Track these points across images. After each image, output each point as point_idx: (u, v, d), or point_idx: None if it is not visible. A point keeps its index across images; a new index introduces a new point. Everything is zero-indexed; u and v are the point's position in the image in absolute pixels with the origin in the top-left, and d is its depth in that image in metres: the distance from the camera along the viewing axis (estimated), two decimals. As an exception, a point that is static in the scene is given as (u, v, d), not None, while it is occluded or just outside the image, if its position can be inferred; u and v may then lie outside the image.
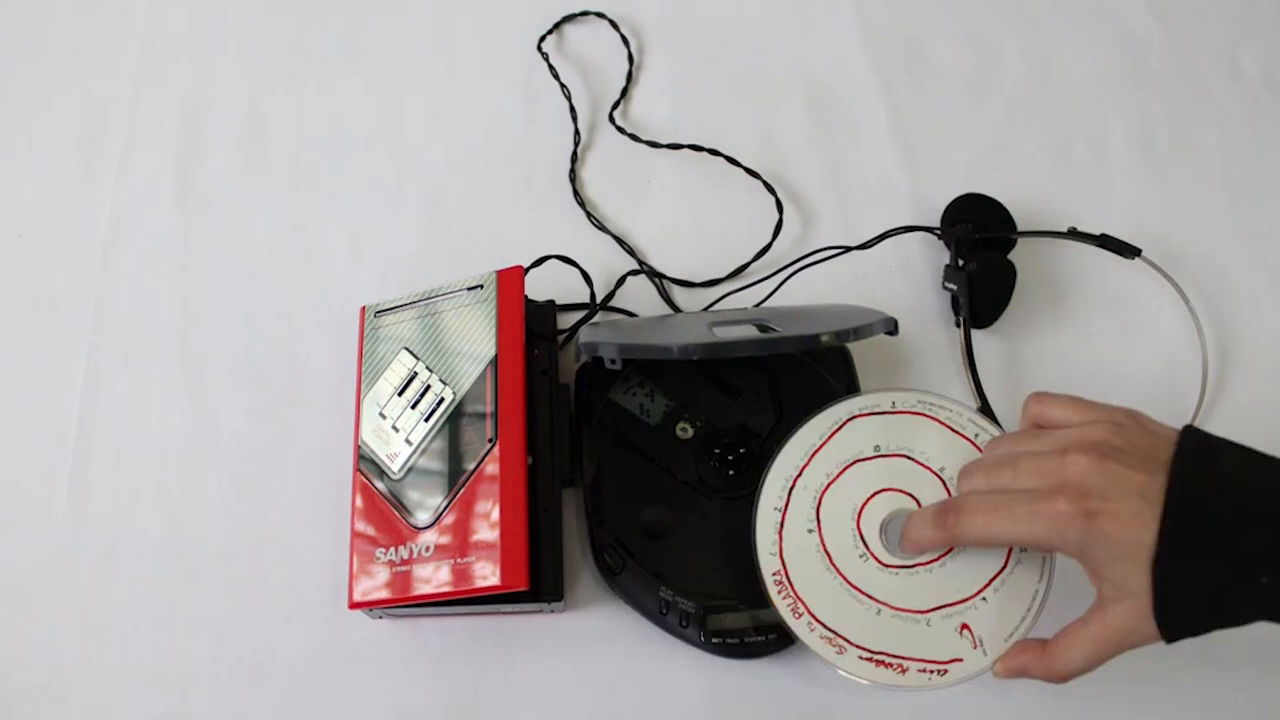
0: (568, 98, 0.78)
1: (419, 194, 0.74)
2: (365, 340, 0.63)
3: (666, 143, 0.75)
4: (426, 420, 0.59)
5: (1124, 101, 0.78)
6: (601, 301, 0.69)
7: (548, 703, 0.58)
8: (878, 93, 0.79)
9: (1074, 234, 0.69)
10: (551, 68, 0.79)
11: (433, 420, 0.59)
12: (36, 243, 0.72)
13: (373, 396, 0.61)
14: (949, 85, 0.79)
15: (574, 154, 0.76)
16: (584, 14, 0.81)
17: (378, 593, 0.55)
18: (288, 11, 0.82)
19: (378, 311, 0.64)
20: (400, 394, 0.60)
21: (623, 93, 0.78)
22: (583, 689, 0.58)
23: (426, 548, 0.55)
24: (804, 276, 0.69)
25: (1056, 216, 0.71)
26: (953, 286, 0.67)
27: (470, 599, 0.54)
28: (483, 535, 0.54)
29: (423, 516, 0.56)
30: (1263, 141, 0.76)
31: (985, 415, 0.59)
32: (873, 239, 0.70)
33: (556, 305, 0.65)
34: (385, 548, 0.56)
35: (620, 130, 0.76)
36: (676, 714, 0.57)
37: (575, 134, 0.76)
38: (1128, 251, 0.68)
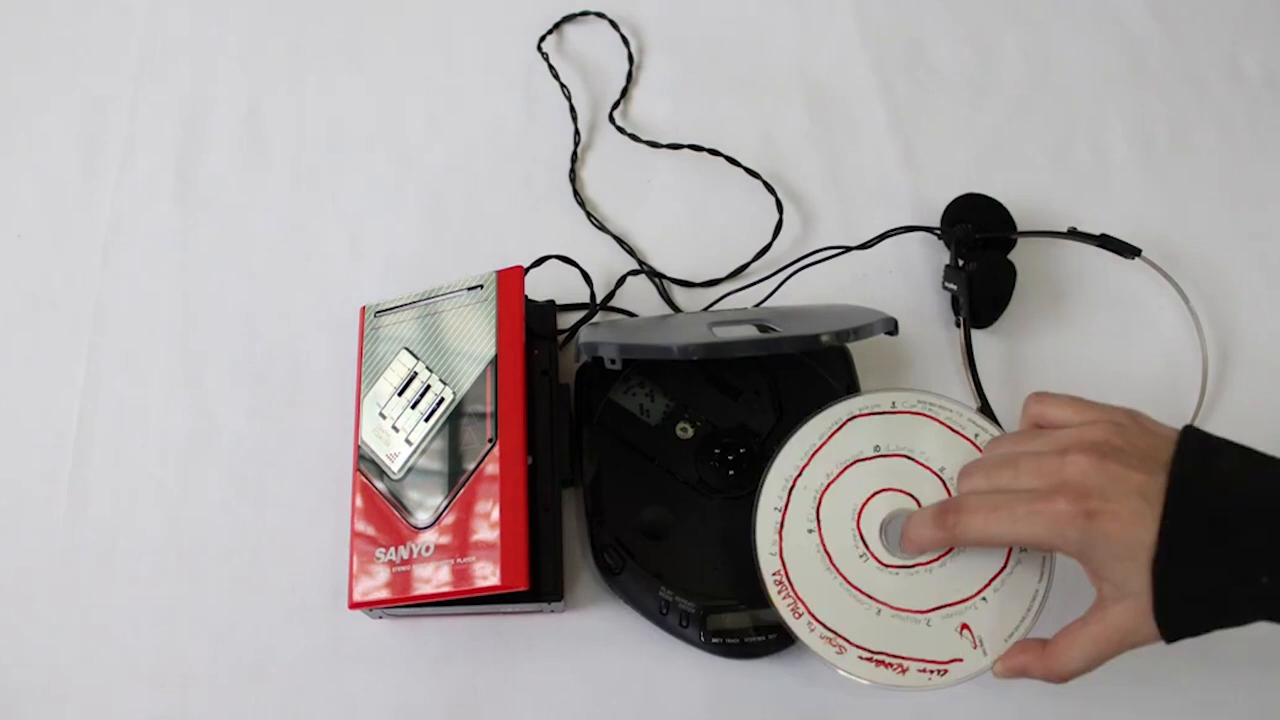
0: (568, 98, 0.78)
1: (419, 194, 0.74)
2: (365, 340, 0.63)
3: (666, 143, 0.75)
4: (426, 420, 0.59)
5: (1124, 101, 0.78)
6: (601, 301, 0.69)
7: (548, 703, 0.58)
8: (878, 93, 0.79)
9: (1074, 234, 0.69)
10: (551, 68, 0.79)
11: (433, 420, 0.59)
12: (36, 243, 0.72)
13: (373, 396, 0.61)
14: (949, 85, 0.79)
15: (574, 154, 0.76)
16: (584, 14, 0.81)
17: (378, 593, 0.55)
18: (288, 11, 0.82)
19: (378, 311, 0.64)
20: (400, 394, 0.60)
21: (623, 93, 0.78)
22: (583, 689, 0.58)
23: (426, 548, 0.55)
24: (804, 276, 0.69)
25: (1056, 216, 0.71)
26: (953, 286, 0.67)
27: (470, 599, 0.54)
28: (483, 535, 0.54)
29: (423, 516, 0.56)
30: (1263, 141, 0.76)
31: (985, 415, 0.59)
32: (873, 239, 0.70)
33: (556, 305, 0.65)
34: (385, 548, 0.56)
35: (620, 130, 0.76)
36: (676, 714, 0.57)
37: (575, 134, 0.76)
38: (1128, 251, 0.68)
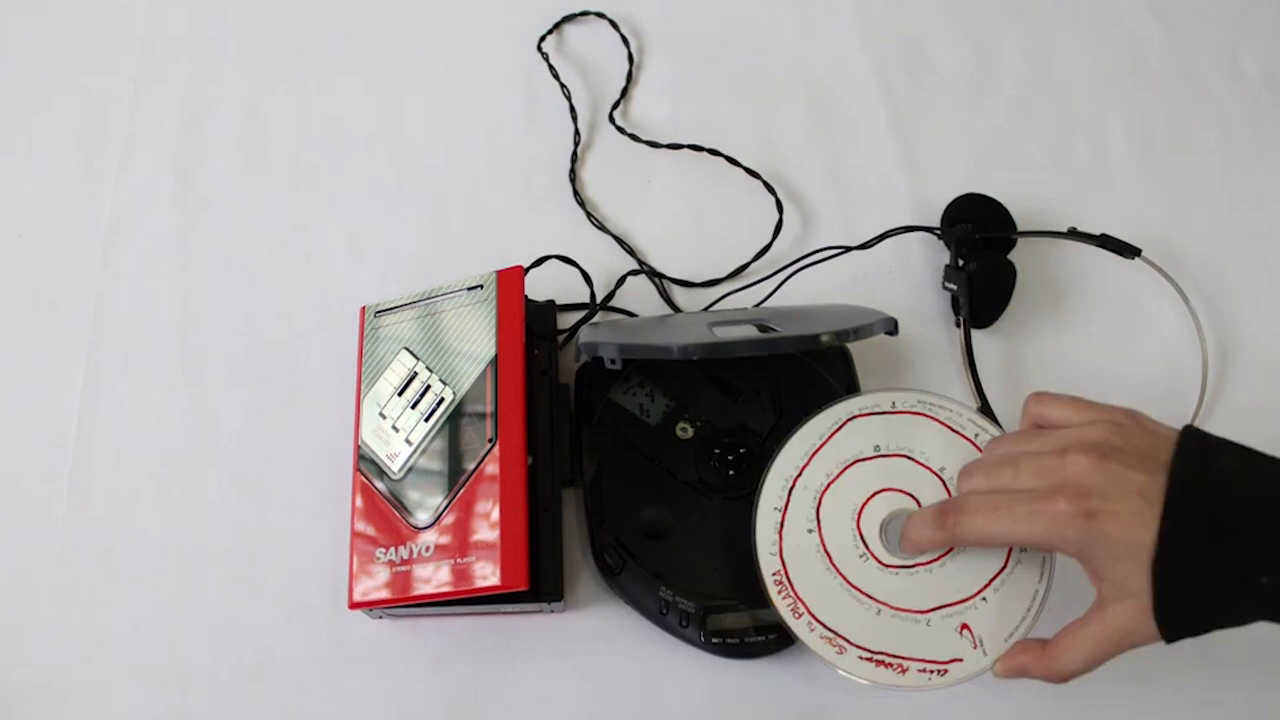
0: (568, 98, 0.78)
1: (419, 194, 0.74)
2: (365, 340, 0.63)
3: (666, 143, 0.75)
4: (426, 420, 0.59)
5: (1124, 101, 0.78)
6: (601, 301, 0.69)
7: (548, 703, 0.58)
8: (878, 93, 0.79)
9: (1074, 234, 0.69)
10: (551, 68, 0.79)
11: (433, 420, 0.59)
12: (36, 243, 0.72)
13: (373, 396, 0.61)
14: (949, 85, 0.79)
15: (574, 154, 0.75)
16: (584, 14, 0.81)
17: (378, 593, 0.55)
18: (288, 11, 0.82)
19: (378, 311, 0.64)
20: (400, 394, 0.60)
21: (623, 93, 0.78)
22: (583, 689, 0.58)
23: (426, 548, 0.55)
24: (804, 276, 0.69)
25: (1056, 216, 0.71)
26: (953, 286, 0.67)
27: (470, 599, 0.54)
28: (483, 535, 0.54)
29: (423, 516, 0.56)
30: (1263, 141, 0.76)
31: (985, 415, 0.59)
32: (873, 239, 0.70)
33: (556, 305, 0.65)
34: (385, 548, 0.56)
35: (620, 130, 0.76)
36: (676, 714, 0.57)
37: (575, 134, 0.76)
38: (1128, 251, 0.68)
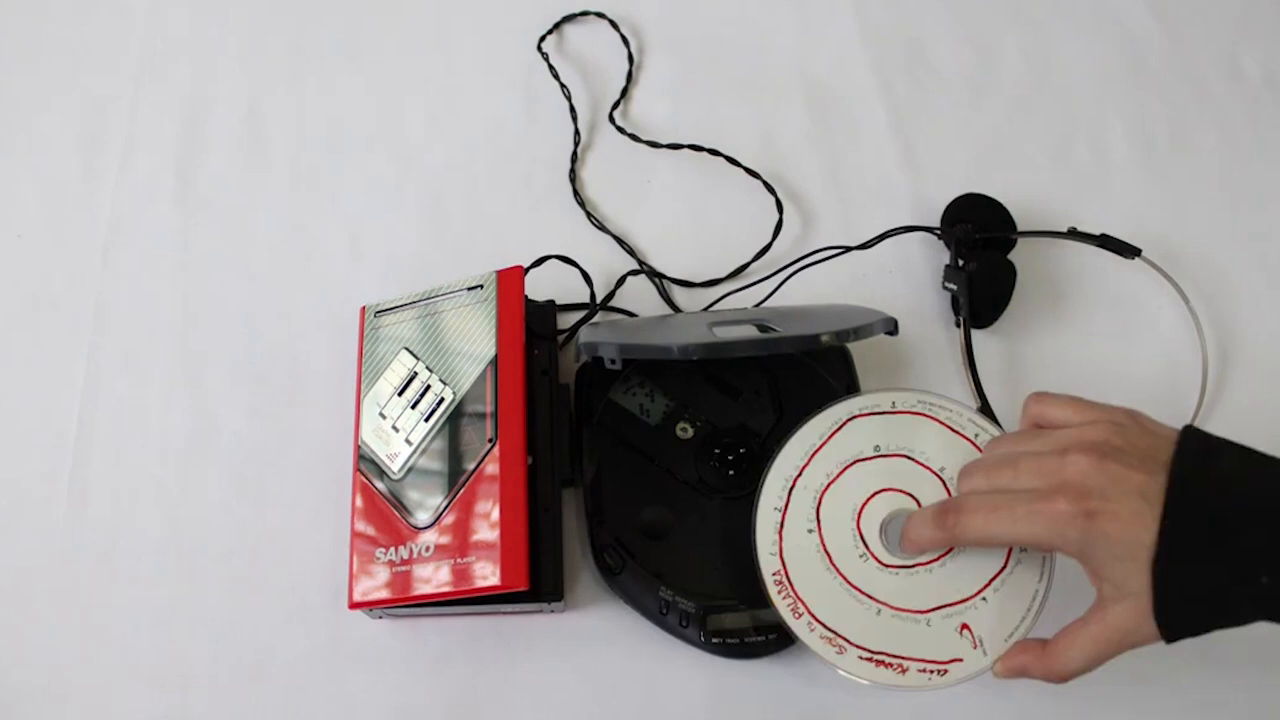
0: (568, 98, 0.78)
1: (419, 194, 0.74)
2: (365, 340, 0.63)
3: (666, 143, 0.75)
4: (426, 420, 0.59)
5: (1124, 101, 0.78)
6: (601, 301, 0.69)
7: (548, 703, 0.58)
8: (878, 93, 0.79)
9: (1074, 234, 0.69)
10: (551, 68, 0.79)
11: (433, 420, 0.59)
12: (36, 243, 0.72)
13: (373, 396, 0.61)
14: (949, 85, 0.79)
15: (574, 154, 0.75)
16: (584, 14, 0.81)
17: (378, 593, 0.55)
18: (288, 11, 0.82)
19: (378, 311, 0.64)
20: (400, 394, 0.60)
21: (623, 93, 0.78)
22: (583, 689, 0.58)
23: (426, 548, 0.55)
24: (804, 276, 0.69)
25: (1056, 216, 0.71)
26: (953, 286, 0.67)
27: (470, 599, 0.54)
28: (483, 535, 0.54)
29: (423, 516, 0.56)
30: (1263, 141, 0.76)
31: (985, 415, 0.59)
32: (873, 239, 0.70)
33: (556, 305, 0.65)
34: (385, 548, 0.56)
35: (620, 130, 0.76)
36: (676, 714, 0.57)
37: (575, 134, 0.76)
38: (1128, 251, 0.68)
